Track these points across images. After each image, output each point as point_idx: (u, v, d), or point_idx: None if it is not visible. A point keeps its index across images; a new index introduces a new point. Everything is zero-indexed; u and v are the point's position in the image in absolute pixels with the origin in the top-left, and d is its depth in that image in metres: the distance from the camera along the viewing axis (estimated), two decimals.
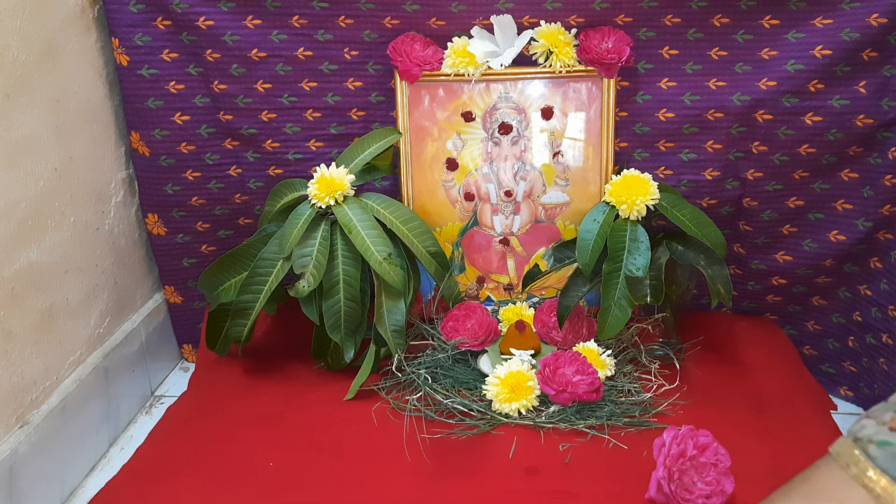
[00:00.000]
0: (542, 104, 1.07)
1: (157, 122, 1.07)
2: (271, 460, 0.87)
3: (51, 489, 0.91)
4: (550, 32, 1.02)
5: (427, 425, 0.91)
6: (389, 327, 0.98)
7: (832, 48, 0.96)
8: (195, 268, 1.17)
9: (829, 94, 0.99)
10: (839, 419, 0.98)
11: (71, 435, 0.94)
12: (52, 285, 0.93)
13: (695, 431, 0.79)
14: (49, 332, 0.93)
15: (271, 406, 0.97)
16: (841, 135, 1.01)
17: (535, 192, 1.09)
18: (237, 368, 1.06)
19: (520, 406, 0.91)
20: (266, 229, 1.04)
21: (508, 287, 1.13)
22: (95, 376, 1.00)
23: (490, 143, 1.08)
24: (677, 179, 1.08)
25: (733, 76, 1.02)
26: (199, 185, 1.12)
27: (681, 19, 1.01)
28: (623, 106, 1.06)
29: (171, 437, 0.94)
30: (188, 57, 1.05)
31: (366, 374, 0.98)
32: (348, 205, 0.99)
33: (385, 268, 0.95)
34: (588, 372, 0.92)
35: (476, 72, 1.04)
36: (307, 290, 0.95)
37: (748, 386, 0.99)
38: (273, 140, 1.10)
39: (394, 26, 1.04)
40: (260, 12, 1.03)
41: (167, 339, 1.21)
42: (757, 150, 1.04)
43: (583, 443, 0.88)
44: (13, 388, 0.86)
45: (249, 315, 0.99)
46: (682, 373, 0.99)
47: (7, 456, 0.83)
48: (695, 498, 0.75)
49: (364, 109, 1.09)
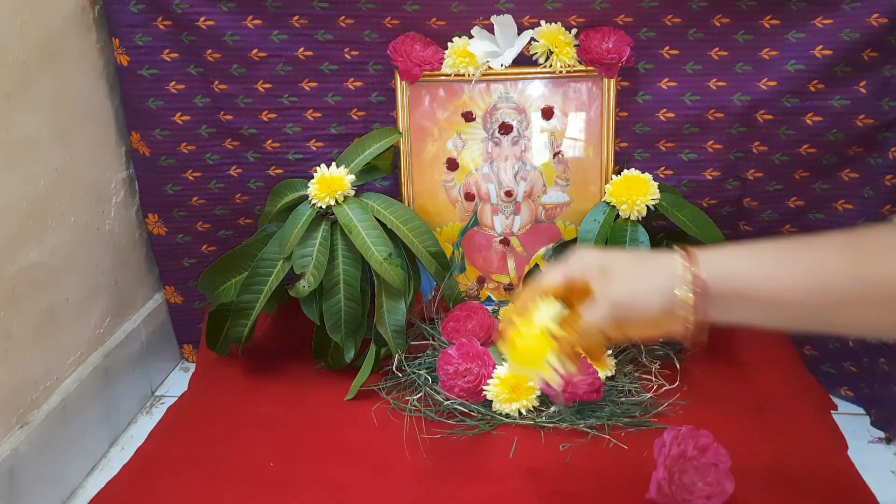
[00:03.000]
0: (543, 104, 1.07)
1: (157, 123, 1.07)
2: (271, 460, 0.87)
3: (51, 489, 0.91)
4: (551, 32, 1.02)
5: (427, 425, 0.91)
6: (390, 327, 0.98)
7: (832, 48, 0.96)
8: (195, 268, 1.17)
9: (830, 95, 0.99)
10: (839, 419, 0.98)
11: (71, 435, 0.94)
12: (53, 285, 0.93)
13: (695, 432, 0.79)
14: (49, 332, 0.93)
15: (271, 406, 0.97)
16: (841, 135, 1.01)
17: (535, 192, 1.09)
18: (237, 368, 1.06)
19: (520, 406, 0.91)
20: (266, 229, 1.04)
21: (509, 287, 1.13)
22: (96, 376, 1.00)
23: (490, 143, 1.08)
24: (677, 179, 1.08)
25: (734, 76, 1.02)
26: (200, 186, 1.12)
27: (681, 19, 1.01)
28: (623, 106, 1.06)
29: (171, 437, 0.94)
30: (188, 57, 1.05)
31: (366, 374, 0.98)
32: (348, 205, 0.99)
33: (385, 268, 0.95)
34: (588, 372, 0.92)
35: (476, 72, 1.04)
36: (307, 290, 0.95)
37: (748, 386, 0.99)
38: (273, 140, 1.10)
39: (394, 26, 1.04)
40: (260, 12, 1.03)
41: (167, 340, 1.21)
42: (757, 151, 1.04)
43: (583, 443, 0.88)
44: (13, 388, 0.86)
45: (250, 315, 0.99)
46: (683, 373, 0.99)
47: (7, 456, 0.83)
48: (695, 498, 0.75)
49: (364, 109, 1.09)
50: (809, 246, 0.54)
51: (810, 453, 0.87)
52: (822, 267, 0.52)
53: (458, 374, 0.93)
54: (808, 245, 0.54)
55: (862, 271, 0.51)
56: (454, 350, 0.95)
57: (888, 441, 1.01)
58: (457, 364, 0.93)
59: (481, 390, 0.93)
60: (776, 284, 0.54)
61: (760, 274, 0.54)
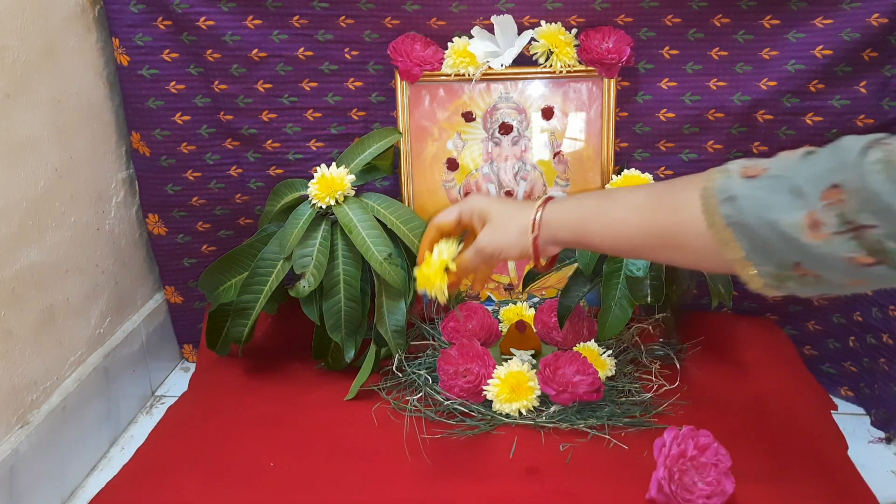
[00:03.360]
0: (543, 104, 1.07)
1: (157, 123, 1.07)
2: (272, 460, 0.87)
3: (51, 489, 0.91)
4: (551, 32, 1.02)
5: (427, 425, 0.91)
6: (390, 327, 0.98)
7: (833, 48, 0.96)
8: (195, 268, 1.17)
9: (830, 95, 0.99)
10: (840, 419, 0.98)
11: (71, 435, 0.94)
12: (53, 285, 0.93)
13: (695, 431, 0.79)
14: (49, 332, 0.93)
15: (272, 406, 0.97)
16: (841, 135, 1.01)
17: (535, 192, 1.09)
18: (237, 368, 1.06)
19: (520, 406, 0.91)
20: (266, 229, 1.04)
21: (509, 287, 1.13)
22: (96, 376, 1.00)
23: (490, 143, 1.08)
24: None
25: (734, 76, 1.02)
26: (200, 186, 1.12)
27: (681, 19, 1.01)
28: (623, 106, 1.06)
29: (171, 437, 0.94)
30: (189, 57, 1.05)
31: (366, 374, 0.98)
32: (349, 205, 0.99)
33: (385, 268, 0.95)
34: (588, 372, 0.92)
35: (476, 72, 1.04)
36: (307, 290, 0.95)
37: (748, 386, 0.99)
38: (273, 140, 1.10)
39: (394, 26, 1.04)
40: (260, 12, 1.03)
41: (167, 339, 1.21)
42: (757, 151, 1.04)
43: (583, 443, 0.88)
44: (14, 388, 0.86)
45: (250, 315, 0.99)
46: (683, 373, 0.99)
47: (8, 456, 0.83)
48: (695, 498, 0.75)
49: (364, 109, 1.09)
50: (619, 203, 0.68)
51: (810, 453, 0.87)
52: (622, 223, 0.67)
53: (459, 375, 0.92)
54: (618, 201, 0.68)
55: (650, 226, 0.65)
56: (454, 350, 0.95)
57: (888, 441, 1.01)
58: (457, 364, 0.93)
59: (481, 390, 0.93)
60: (590, 235, 0.69)
61: (577, 225, 0.69)
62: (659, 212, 0.65)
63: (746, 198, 0.59)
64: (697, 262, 0.67)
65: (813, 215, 0.56)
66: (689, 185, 0.63)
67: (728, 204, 0.60)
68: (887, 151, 0.54)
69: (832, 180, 0.56)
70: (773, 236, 0.58)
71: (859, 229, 0.54)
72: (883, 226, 0.53)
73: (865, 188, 0.54)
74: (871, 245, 0.54)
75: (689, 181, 0.64)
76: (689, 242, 0.63)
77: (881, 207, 0.53)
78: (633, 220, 0.66)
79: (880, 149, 0.55)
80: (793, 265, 0.58)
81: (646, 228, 0.65)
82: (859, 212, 0.54)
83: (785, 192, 0.58)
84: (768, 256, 0.59)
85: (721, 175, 0.62)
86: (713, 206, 0.60)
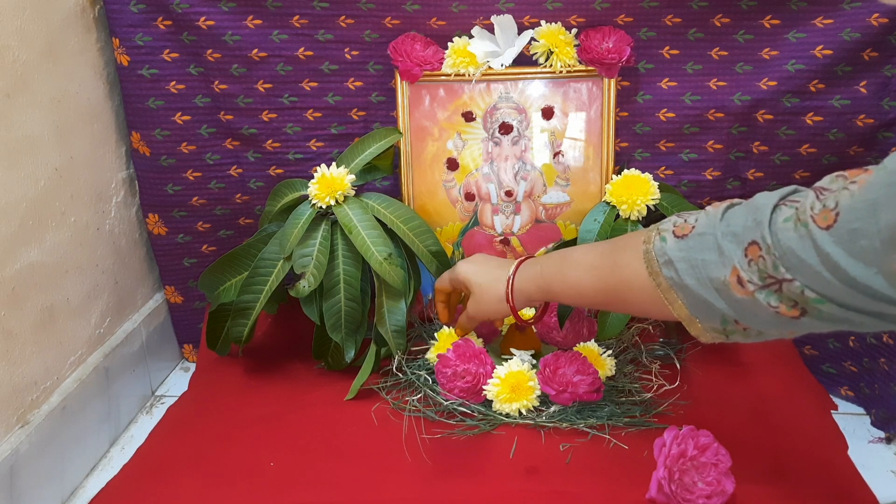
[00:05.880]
0: (543, 104, 1.07)
1: (157, 122, 1.07)
2: (272, 460, 0.87)
3: (51, 489, 0.91)
4: (551, 32, 1.02)
5: (427, 425, 0.91)
6: (390, 327, 0.98)
7: (833, 48, 0.96)
8: (196, 268, 1.17)
9: (830, 94, 0.99)
10: (840, 419, 0.98)
11: (71, 435, 0.94)
12: (53, 285, 0.93)
13: (695, 431, 0.79)
14: (49, 332, 0.93)
15: (272, 406, 0.97)
16: (841, 135, 1.01)
17: (535, 192, 1.09)
18: (238, 368, 1.06)
19: (520, 406, 0.91)
20: (266, 229, 1.04)
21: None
22: (96, 376, 1.00)
23: (490, 143, 1.08)
24: (678, 179, 1.08)
25: (734, 76, 1.02)
26: (200, 185, 1.12)
27: (681, 19, 1.01)
28: (623, 106, 1.06)
29: (171, 437, 0.95)
30: (189, 57, 1.05)
31: (366, 374, 0.98)
32: (349, 205, 0.99)
33: (385, 268, 0.95)
34: (588, 372, 0.92)
35: (476, 72, 1.04)
36: (308, 290, 0.95)
37: (749, 386, 0.99)
38: (273, 140, 1.10)
39: (394, 26, 1.04)
40: (260, 12, 1.03)
41: (168, 339, 1.21)
42: (757, 150, 1.04)
43: (583, 443, 0.88)
44: (13, 388, 0.86)
45: (250, 315, 0.99)
46: (683, 373, 0.99)
47: (7, 456, 0.83)
48: (695, 498, 0.75)
49: (364, 109, 1.09)
50: (574, 265, 0.77)
51: (810, 453, 0.87)
52: (578, 284, 0.76)
53: (457, 376, 0.92)
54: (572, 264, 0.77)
55: (603, 285, 0.73)
56: (451, 352, 0.95)
57: (888, 441, 1.01)
58: (454, 366, 0.93)
59: (481, 390, 0.93)
60: (557, 295, 0.80)
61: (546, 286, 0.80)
62: (608, 272, 0.72)
63: (680, 259, 0.64)
64: (649, 315, 0.76)
65: (737, 272, 0.59)
66: (631, 246, 0.69)
67: (667, 267, 0.65)
68: (795, 209, 0.57)
69: (750, 237, 0.59)
70: (709, 294, 0.62)
71: (780, 283, 0.57)
72: (800, 279, 0.56)
73: (779, 245, 0.57)
74: (794, 297, 0.57)
75: (630, 241, 0.70)
76: (638, 299, 0.69)
77: (795, 263, 0.56)
78: (587, 280, 0.74)
79: (790, 206, 0.58)
80: (734, 320, 0.62)
81: (598, 287, 0.74)
82: (777, 267, 0.57)
83: (712, 249, 0.62)
84: (710, 314, 0.63)
85: (657, 237, 0.67)
86: (656, 269, 0.66)
